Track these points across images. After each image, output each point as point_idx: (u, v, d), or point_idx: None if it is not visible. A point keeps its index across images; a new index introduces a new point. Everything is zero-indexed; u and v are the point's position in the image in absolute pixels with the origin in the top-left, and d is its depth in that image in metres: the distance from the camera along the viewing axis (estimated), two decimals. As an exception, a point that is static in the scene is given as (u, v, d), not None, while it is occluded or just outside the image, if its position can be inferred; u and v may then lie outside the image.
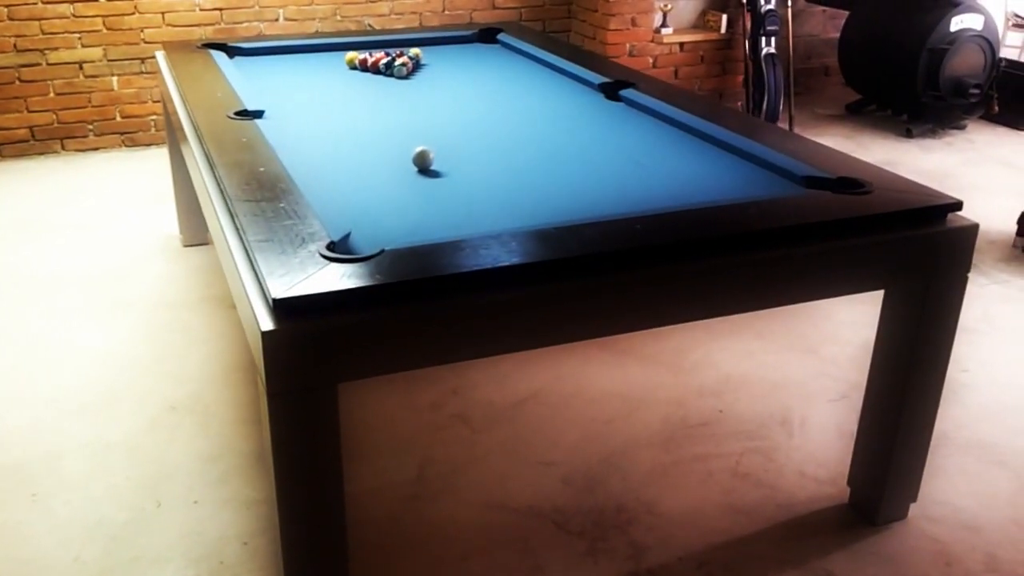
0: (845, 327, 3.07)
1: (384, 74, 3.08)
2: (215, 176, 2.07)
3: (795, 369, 2.83)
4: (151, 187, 4.30)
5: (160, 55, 3.37)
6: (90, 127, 4.80)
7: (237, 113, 2.47)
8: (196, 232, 3.66)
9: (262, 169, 2.05)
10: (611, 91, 2.80)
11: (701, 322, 3.07)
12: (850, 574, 2.03)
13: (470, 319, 1.59)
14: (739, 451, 2.44)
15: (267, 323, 1.47)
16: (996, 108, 4.84)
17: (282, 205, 1.84)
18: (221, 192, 1.98)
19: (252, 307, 1.52)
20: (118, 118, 4.84)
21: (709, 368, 2.84)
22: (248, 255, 1.67)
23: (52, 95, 4.68)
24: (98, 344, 2.93)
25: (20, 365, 2.81)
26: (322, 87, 2.96)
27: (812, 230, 1.84)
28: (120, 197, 4.19)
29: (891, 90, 5.01)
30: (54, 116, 4.73)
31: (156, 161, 4.70)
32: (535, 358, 2.86)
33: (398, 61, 3.06)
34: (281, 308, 1.48)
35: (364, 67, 3.13)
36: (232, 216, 1.84)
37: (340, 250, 1.65)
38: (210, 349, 2.91)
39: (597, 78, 2.88)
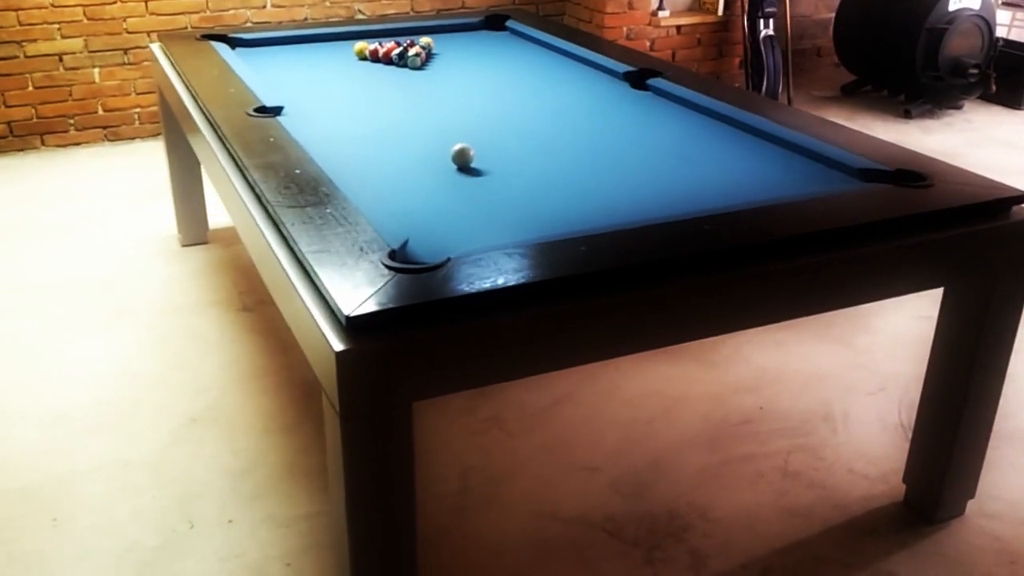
0: (873, 316, 3.02)
1: (397, 65, 2.97)
2: (248, 180, 1.95)
3: (829, 361, 2.78)
4: (140, 184, 4.15)
5: (156, 47, 3.22)
6: (71, 121, 4.62)
7: (256, 110, 2.35)
8: (195, 231, 3.53)
9: (298, 171, 1.93)
10: (636, 80, 2.71)
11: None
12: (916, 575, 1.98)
13: (551, 329, 1.50)
14: (786, 449, 2.38)
15: (339, 343, 1.37)
16: (994, 88, 4.82)
17: (329, 211, 1.73)
18: (258, 197, 1.87)
19: (318, 325, 1.42)
20: (100, 111, 4.66)
21: (741, 362, 2.77)
22: (305, 268, 1.56)
23: (31, 88, 4.49)
24: (103, 355, 2.80)
25: (20, 380, 2.67)
26: (336, 80, 2.84)
27: (877, 228, 1.76)
28: (108, 195, 4.02)
29: (888, 70, 4.98)
30: (33, 110, 4.54)
31: (141, 156, 4.54)
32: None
33: (411, 51, 2.95)
34: (355, 326, 1.38)
35: (375, 58, 3.01)
36: (276, 224, 1.73)
37: (402, 259, 1.56)
38: (224, 356, 2.79)
39: (620, 67, 2.79)
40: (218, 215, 3.74)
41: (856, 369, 2.74)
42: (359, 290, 1.43)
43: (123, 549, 2.04)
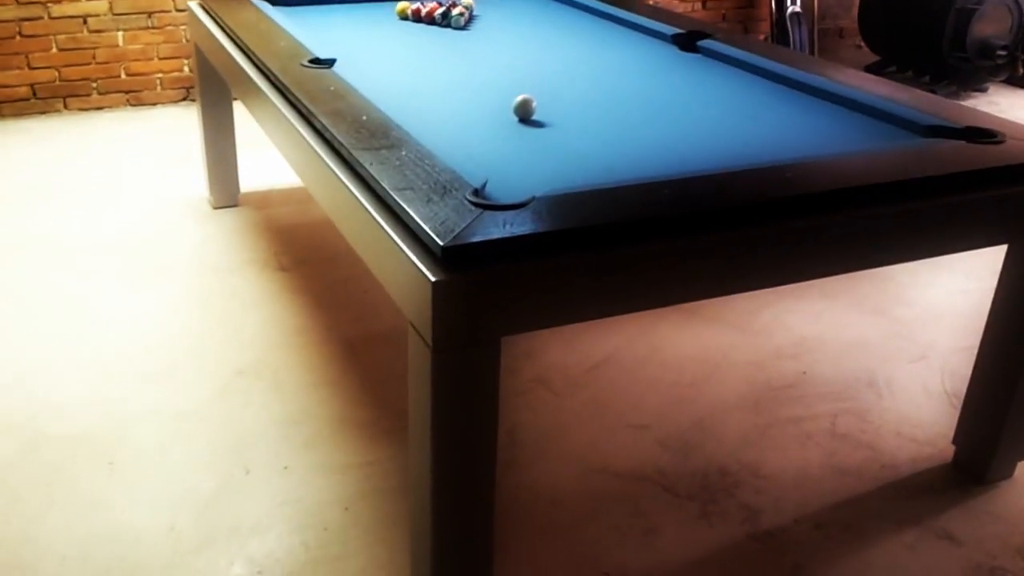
0: (908, 288, 3.04)
1: (440, 25, 2.96)
2: (316, 127, 1.95)
3: (868, 330, 2.79)
4: (164, 148, 4.13)
5: (194, 5, 3.21)
6: (94, 85, 4.60)
7: (311, 62, 2.34)
8: (227, 194, 3.51)
9: (364, 118, 1.93)
10: (685, 42, 2.71)
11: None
12: (969, 533, 2.00)
13: (637, 269, 1.50)
14: (832, 413, 2.40)
15: (433, 274, 1.37)
16: (1021, 70, 4.84)
17: (404, 153, 1.73)
18: (328, 143, 1.87)
19: (411, 259, 1.42)
20: (123, 76, 4.64)
21: (781, 330, 2.78)
22: (389, 206, 1.56)
23: (55, 51, 4.47)
24: (145, 311, 2.79)
25: (67, 333, 2.66)
26: (379, 38, 2.83)
27: (950, 180, 1.77)
28: (133, 159, 4.01)
29: (914, 51, 4.99)
30: (56, 73, 4.52)
31: (164, 121, 4.52)
32: (602, 321, 2.78)
33: (454, 11, 2.94)
34: (449, 257, 1.38)
35: (417, 17, 3.00)
36: (352, 167, 1.73)
37: (485, 198, 1.56)
38: (265, 313, 2.79)
39: (668, 29, 2.79)
40: (250, 178, 3.74)
41: (895, 338, 2.75)
42: (451, 223, 1.44)
43: (180, 493, 2.04)
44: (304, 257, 3.14)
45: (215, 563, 1.85)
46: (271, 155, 3.95)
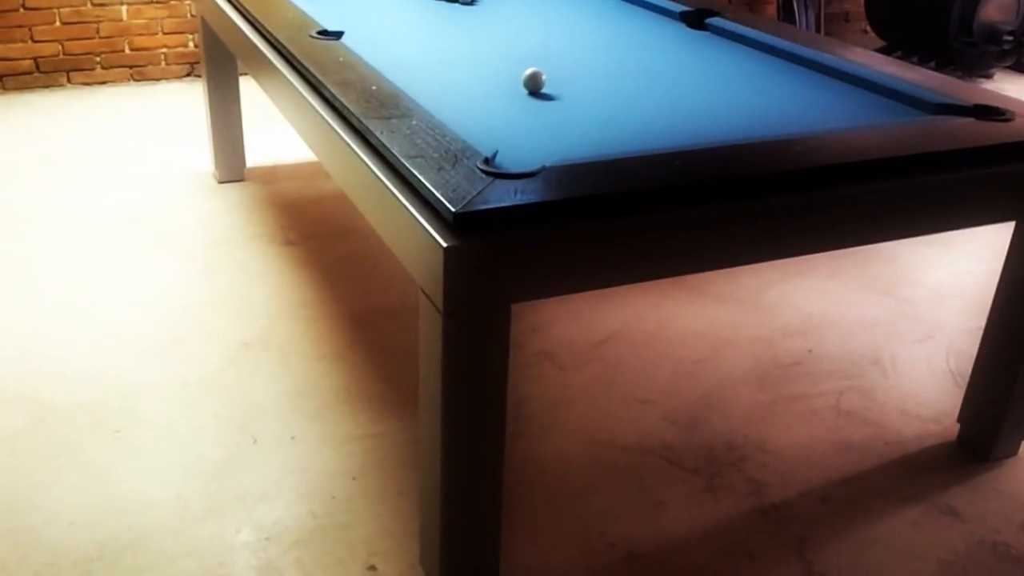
0: (913, 269, 3.04)
1: (447, 1, 2.94)
2: (325, 96, 1.94)
3: (874, 310, 2.79)
4: (168, 123, 4.12)
5: (201, -22, 3.19)
6: (98, 59, 4.58)
7: (319, 33, 2.33)
8: (233, 169, 3.51)
9: (374, 88, 1.93)
10: (694, 20, 2.70)
11: (771, 262, 3.05)
12: (973, 509, 2.01)
13: (647, 238, 1.50)
14: (837, 390, 2.40)
15: (445, 240, 1.37)
16: (1027, 56, 4.83)
17: (414, 122, 1.73)
18: (338, 112, 1.86)
19: (423, 225, 1.42)
20: (127, 50, 4.62)
21: (789, 308, 2.79)
22: (400, 174, 1.56)
23: (58, 24, 4.45)
24: (151, 283, 2.79)
25: (74, 304, 2.67)
26: (385, 12, 2.82)
27: (960, 155, 1.77)
28: (137, 133, 4.00)
29: (921, 36, 4.96)
30: (60, 47, 4.50)
31: (168, 96, 4.51)
32: (609, 297, 2.79)
33: (463, -13, 2.93)
34: (461, 223, 1.38)
35: (426, -7, 2.99)
36: (362, 135, 1.73)
37: (496, 166, 1.56)
38: (270, 287, 2.79)
39: (676, 7, 2.77)
40: (256, 154, 3.74)
41: (901, 318, 2.76)
42: (462, 191, 1.44)
43: (189, 461, 2.05)
44: (311, 232, 3.14)
45: (222, 530, 1.86)
46: (277, 131, 3.95)
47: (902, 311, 2.79)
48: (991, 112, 1.93)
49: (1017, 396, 2.07)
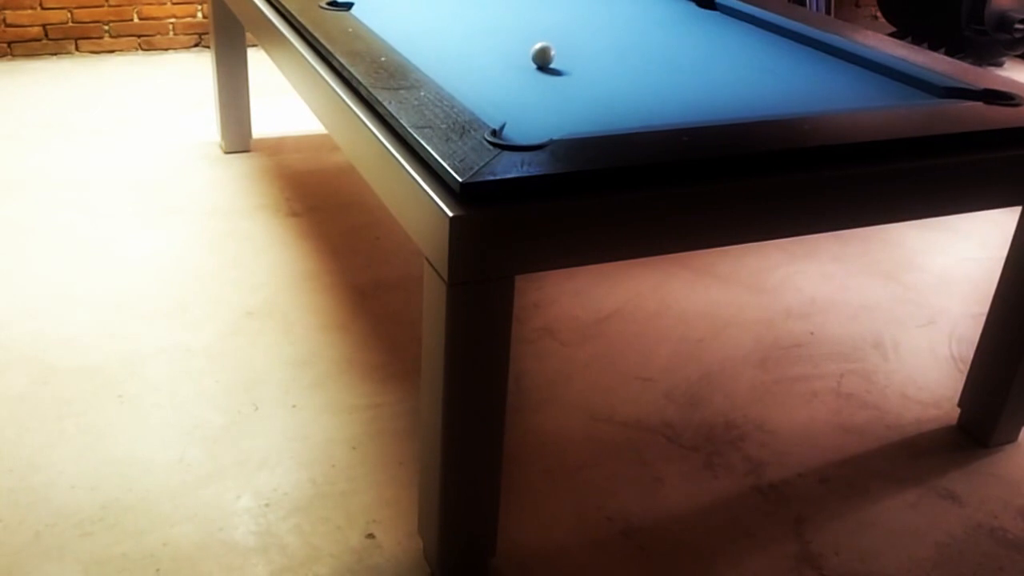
0: (918, 254, 3.04)
1: (458, -26, 2.93)
2: (334, 66, 1.94)
3: (877, 294, 2.79)
4: (176, 93, 4.11)
5: (211, -54, 3.18)
6: (106, 28, 4.56)
7: (329, 4, 2.33)
8: (239, 139, 3.51)
9: (383, 59, 1.92)
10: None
11: (776, 244, 3.05)
12: (971, 494, 2.01)
13: (653, 213, 1.50)
14: (838, 372, 2.41)
15: (451, 210, 1.37)
16: (1039, 44, 4.80)
17: (422, 94, 1.73)
18: (347, 82, 1.86)
19: (429, 194, 1.42)
20: (135, 20, 4.61)
21: (792, 290, 2.79)
22: (408, 144, 1.56)
23: (68, -9, 4.44)
24: (156, 250, 2.80)
25: (79, 269, 2.67)
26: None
27: (966, 139, 1.76)
28: (144, 102, 3.99)
29: (931, 23, 4.93)
30: (69, 15, 4.48)
31: (176, 66, 4.50)
32: (612, 275, 2.79)
33: (474, -39, 2.91)
34: (467, 193, 1.38)
35: (436, -34, 2.97)
36: (371, 105, 1.73)
37: (503, 139, 1.55)
38: (275, 257, 2.79)
39: (688, -14, 2.76)
40: (262, 126, 3.73)
41: (904, 303, 2.76)
42: (469, 161, 1.43)
43: (190, 426, 2.06)
44: (316, 204, 3.14)
45: (223, 495, 1.87)
46: (283, 103, 3.94)
47: (905, 296, 2.79)
48: (1000, 96, 1.92)
49: (1018, 383, 2.07)
